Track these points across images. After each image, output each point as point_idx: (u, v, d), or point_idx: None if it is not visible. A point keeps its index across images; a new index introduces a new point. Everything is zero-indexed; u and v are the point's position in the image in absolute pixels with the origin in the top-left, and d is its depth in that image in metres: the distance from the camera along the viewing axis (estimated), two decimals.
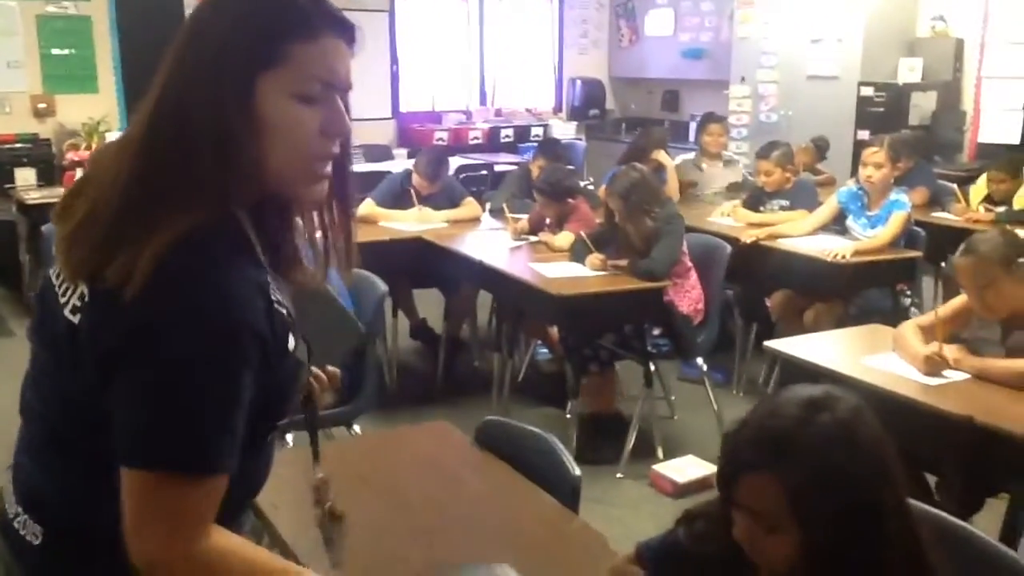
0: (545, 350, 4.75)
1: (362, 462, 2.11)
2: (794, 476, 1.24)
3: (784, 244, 4.39)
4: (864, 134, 6.58)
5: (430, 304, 5.13)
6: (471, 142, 8.39)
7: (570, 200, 4.29)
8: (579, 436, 3.81)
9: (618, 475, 3.68)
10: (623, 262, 3.81)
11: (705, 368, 3.93)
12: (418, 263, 4.60)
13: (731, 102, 8.15)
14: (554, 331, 4.30)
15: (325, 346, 1.39)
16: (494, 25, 8.92)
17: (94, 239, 1.04)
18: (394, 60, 8.33)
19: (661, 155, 5.40)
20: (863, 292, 4.29)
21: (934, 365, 2.64)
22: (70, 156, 6.24)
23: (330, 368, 1.44)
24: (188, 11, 7.14)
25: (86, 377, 1.04)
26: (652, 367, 3.76)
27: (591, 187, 5.59)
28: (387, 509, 1.87)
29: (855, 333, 3.13)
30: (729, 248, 4.02)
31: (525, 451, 2.05)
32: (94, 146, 6.39)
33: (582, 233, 3.96)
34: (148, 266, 0.98)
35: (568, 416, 3.98)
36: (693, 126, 8.19)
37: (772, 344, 2.95)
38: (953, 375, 2.64)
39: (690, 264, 3.90)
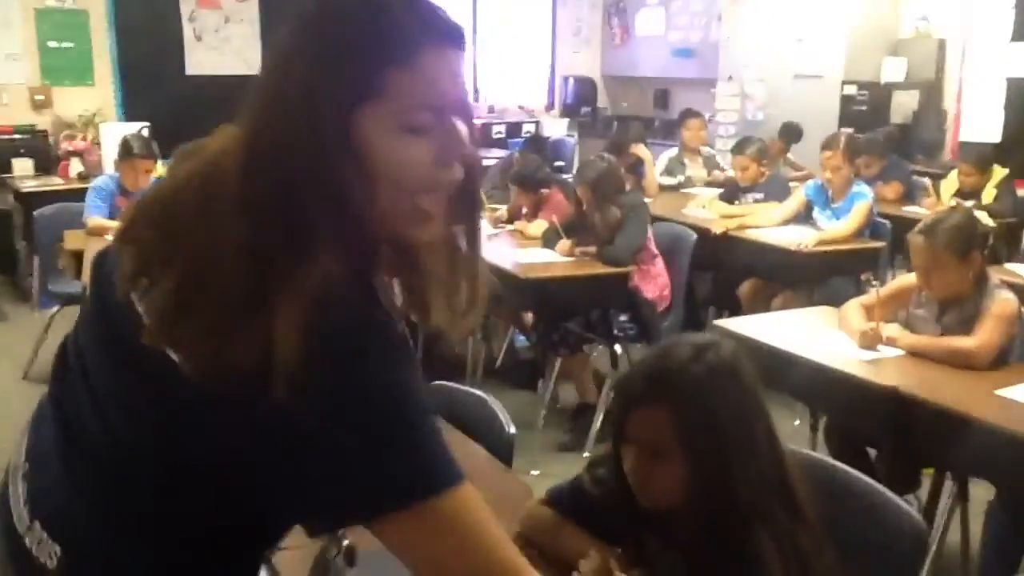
0: (523, 337, 4.88)
1: None
2: (682, 405, 1.38)
3: (753, 235, 4.52)
4: (847, 132, 6.69)
5: None
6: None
7: (543, 190, 4.42)
8: (546, 417, 3.94)
9: (584, 454, 3.81)
10: (591, 249, 3.94)
11: None
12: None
13: (718, 100, 8.27)
14: (528, 317, 4.43)
15: None
16: (487, 23, 9.05)
17: (208, 318, 0.85)
18: None
19: (640, 149, 5.55)
20: (829, 280, 4.41)
21: (869, 340, 2.76)
22: (65, 147, 6.39)
23: None
24: (183, 6, 7.34)
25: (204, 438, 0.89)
26: (618, 350, 3.88)
27: (571, 180, 5.73)
28: None
29: (806, 313, 3.26)
30: (695, 237, 4.14)
31: (467, 413, 2.18)
32: (89, 138, 6.55)
33: (554, 220, 4.09)
34: (295, 336, 0.82)
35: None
36: None
37: (719, 323, 3.07)
38: (889, 351, 2.76)
39: (656, 252, 4.03)
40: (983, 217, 3.47)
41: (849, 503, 1.62)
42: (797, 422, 3.42)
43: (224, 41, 7.62)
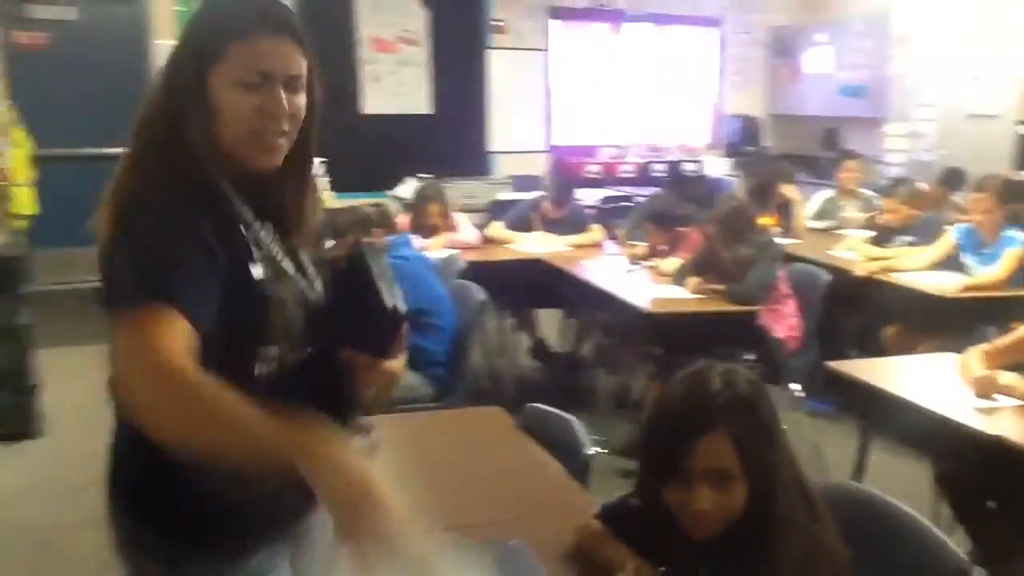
0: None
1: (410, 428, 2.43)
2: (740, 426, 1.44)
3: (898, 278, 4.41)
4: (1003, 175, 6.37)
5: (556, 324, 5.43)
6: (622, 175, 8.64)
7: (680, 229, 4.49)
8: None
9: None
10: (720, 286, 3.98)
11: (803, 394, 4.02)
12: (540, 284, 4.91)
13: (887, 140, 8.04)
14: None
15: (350, 323, 1.48)
16: (648, 61, 9.17)
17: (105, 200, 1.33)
18: (548, 95, 8.74)
19: (789, 189, 5.50)
20: (977, 329, 4.24)
21: (984, 387, 2.69)
22: None
23: (387, 365, 1.49)
24: (362, 50, 7.88)
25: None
26: None
27: None
28: (419, 466, 2.18)
29: (927, 359, 3.18)
30: (829, 279, 4.10)
31: (556, 434, 2.31)
32: None
33: (684, 257, 4.15)
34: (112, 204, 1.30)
35: None
36: None
37: (831, 364, 3.05)
38: (1008, 401, 2.68)
39: (788, 292, 4.02)
40: None
41: (889, 531, 1.65)
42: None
43: (399, 83, 8.11)
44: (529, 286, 4.91)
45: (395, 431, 2.35)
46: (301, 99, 1.37)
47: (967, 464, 2.68)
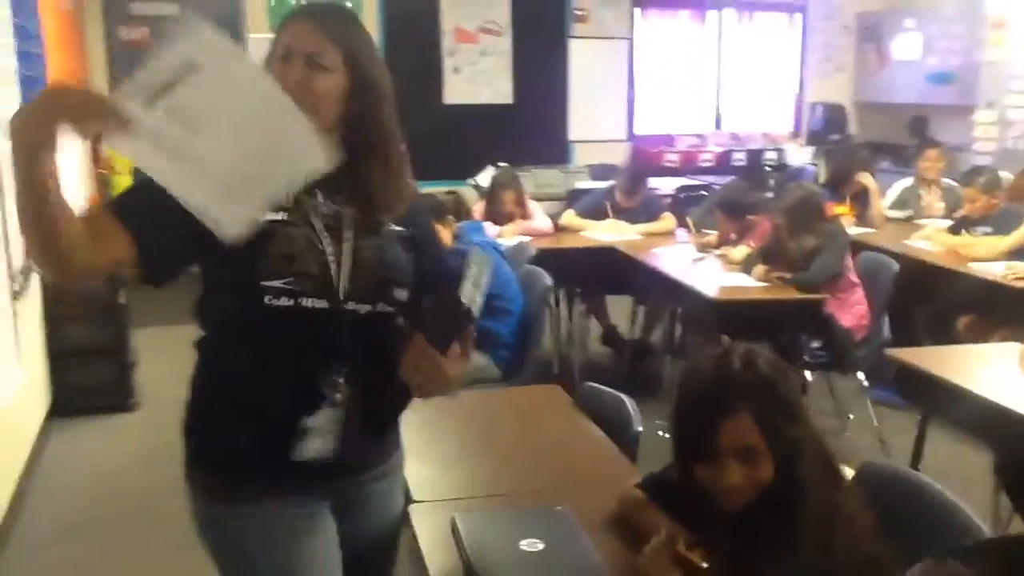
0: None
1: (473, 403, 2.57)
2: (762, 405, 1.52)
3: (971, 268, 4.37)
4: None
5: (627, 311, 5.52)
6: (702, 164, 8.63)
7: (749, 217, 4.52)
8: None
9: None
10: (785, 274, 4.01)
11: (866, 383, 4.03)
12: (611, 271, 5.00)
13: (977, 128, 7.85)
14: (725, 340, 4.54)
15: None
16: (732, 48, 9.12)
17: None
18: (631, 85, 8.78)
19: (865, 177, 5.46)
20: None
21: None
22: None
23: (439, 357, 1.51)
24: (444, 41, 8.06)
25: None
26: (808, 376, 3.93)
27: None
28: (477, 435, 2.33)
29: (991, 348, 3.18)
30: (897, 267, 4.09)
31: (610, 412, 2.42)
32: None
33: (751, 245, 4.20)
34: None
35: None
36: None
37: (892, 351, 3.08)
38: None
39: (856, 281, 4.03)
40: None
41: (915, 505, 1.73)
42: None
43: (479, 73, 8.27)
44: (600, 273, 5.00)
45: (459, 406, 2.51)
46: (322, 79, 1.54)
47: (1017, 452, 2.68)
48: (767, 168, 8.15)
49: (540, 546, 1.71)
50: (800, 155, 9.01)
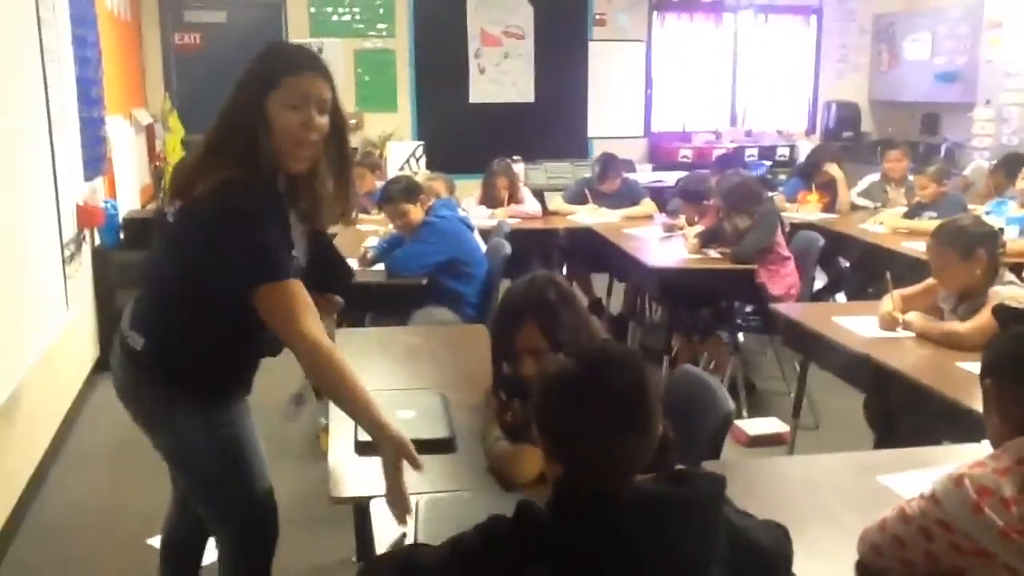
0: None
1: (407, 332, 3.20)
2: (542, 319, 2.14)
3: (903, 247, 4.84)
4: None
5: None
6: (715, 160, 9.12)
7: (705, 202, 5.08)
8: None
9: None
10: (727, 249, 4.56)
11: None
12: (589, 250, 5.59)
13: (975, 125, 8.20)
14: None
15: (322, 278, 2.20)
16: (748, 49, 9.58)
17: (183, 178, 2.00)
18: (648, 84, 9.32)
19: (832, 168, 5.95)
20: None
21: (887, 323, 3.22)
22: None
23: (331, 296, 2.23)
24: (471, 44, 8.70)
25: (179, 251, 2.01)
26: (740, 337, 4.48)
27: None
28: (400, 355, 2.96)
29: (866, 304, 3.70)
30: (822, 241, 4.62)
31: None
32: (386, 153, 8.06)
33: (695, 227, 4.77)
34: (207, 189, 1.90)
35: None
36: (944, 149, 8.42)
37: (777, 307, 3.63)
38: (906, 334, 3.19)
39: (787, 254, 4.54)
40: None
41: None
42: None
43: (503, 73, 8.91)
44: (581, 252, 5.60)
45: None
46: (326, 119, 1.97)
47: (871, 382, 3.21)
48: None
49: (412, 414, 2.35)
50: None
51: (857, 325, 3.30)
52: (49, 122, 4.15)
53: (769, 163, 8.90)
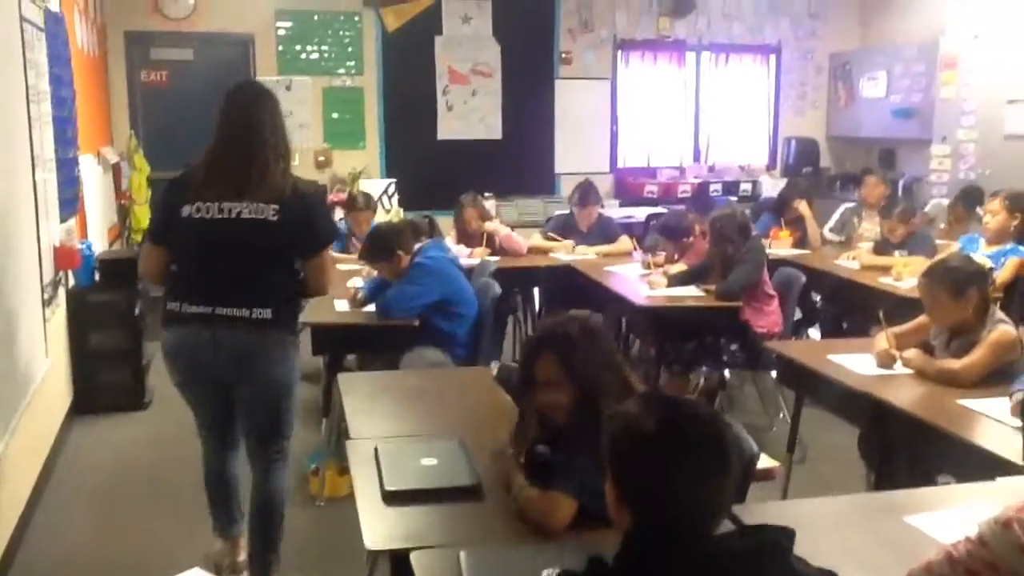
0: None
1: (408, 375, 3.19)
2: (559, 352, 2.17)
3: (879, 283, 4.94)
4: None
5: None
6: (680, 195, 9.24)
7: (685, 239, 5.15)
8: None
9: None
10: (710, 287, 4.62)
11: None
12: (570, 286, 5.62)
13: (932, 160, 8.44)
14: None
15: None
16: (710, 88, 9.77)
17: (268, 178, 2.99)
18: (614, 121, 9.44)
19: (801, 205, 6.08)
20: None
21: (883, 359, 3.28)
22: (330, 198, 7.80)
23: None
24: (439, 82, 8.75)
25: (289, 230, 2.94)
26: (727, 374, 4.52)
27: None
28: (414, 398, 2.95)
29: (859, 341, 3.77)
30: (804, 279, 4.70)
31: None
32: (355, 191, 8.02)
33: (688, 264, 4.83)
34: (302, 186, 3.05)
35: None
36: (901, 184, 8.63)
37: (771, 344, 3.68)
38: (903, 370, 3.25)
39: (772, 292, 4.62)
40: None
41: None
42: None
43: (471, 111, 8.96)
44: (561, 288, 5.62)
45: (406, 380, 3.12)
46: None
47: (869, 418, 3.26)
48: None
49: (434, 462, 2.34)
50: (775, 186, 9.59)
51: (853, 362, 3.36)
52: (32, 163, 4.08)
53: (735, 198, 9.03)
